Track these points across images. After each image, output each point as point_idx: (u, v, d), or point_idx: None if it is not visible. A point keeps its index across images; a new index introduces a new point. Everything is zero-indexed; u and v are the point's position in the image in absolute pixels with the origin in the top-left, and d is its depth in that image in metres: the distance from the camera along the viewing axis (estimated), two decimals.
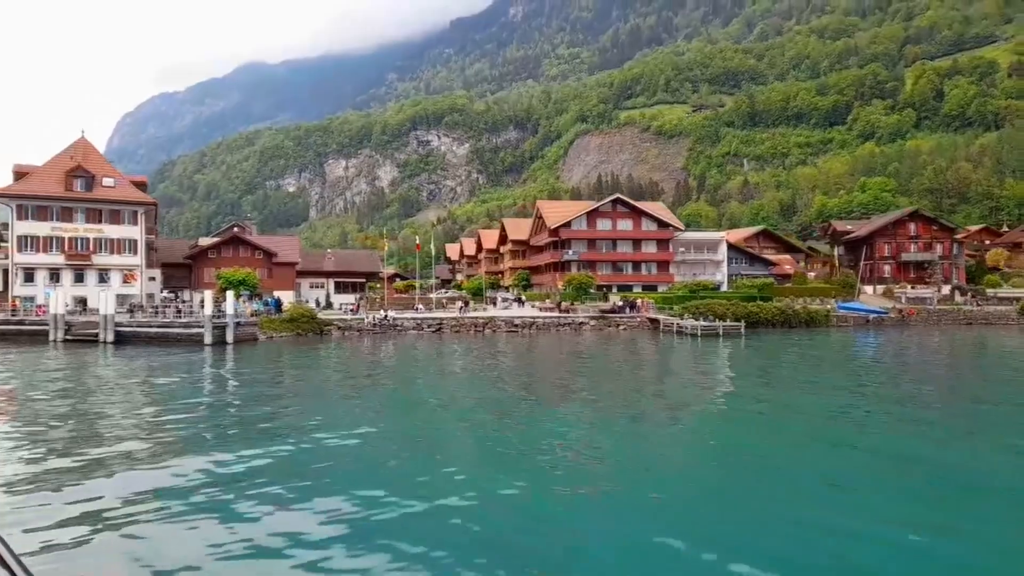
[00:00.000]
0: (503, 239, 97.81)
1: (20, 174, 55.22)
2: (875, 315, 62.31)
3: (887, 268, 78.26)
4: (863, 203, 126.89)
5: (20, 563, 1.23)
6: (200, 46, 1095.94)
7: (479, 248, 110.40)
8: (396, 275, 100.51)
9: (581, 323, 55.43)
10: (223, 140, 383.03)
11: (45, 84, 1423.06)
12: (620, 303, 59.45)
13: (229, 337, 40.89)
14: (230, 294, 42.31)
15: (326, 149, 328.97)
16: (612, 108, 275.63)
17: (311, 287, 66.08)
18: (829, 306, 63.76)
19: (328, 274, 67.60)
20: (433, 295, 70.49)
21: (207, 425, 18.97)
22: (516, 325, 54.06)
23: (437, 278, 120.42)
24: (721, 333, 48.80)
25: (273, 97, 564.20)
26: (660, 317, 55.39)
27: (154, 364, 33.29)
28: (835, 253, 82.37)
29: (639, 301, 59.79)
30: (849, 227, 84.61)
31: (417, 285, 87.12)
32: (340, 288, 67.80)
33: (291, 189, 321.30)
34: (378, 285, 74.84)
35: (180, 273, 65.56)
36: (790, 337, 51.09)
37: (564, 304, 60.47)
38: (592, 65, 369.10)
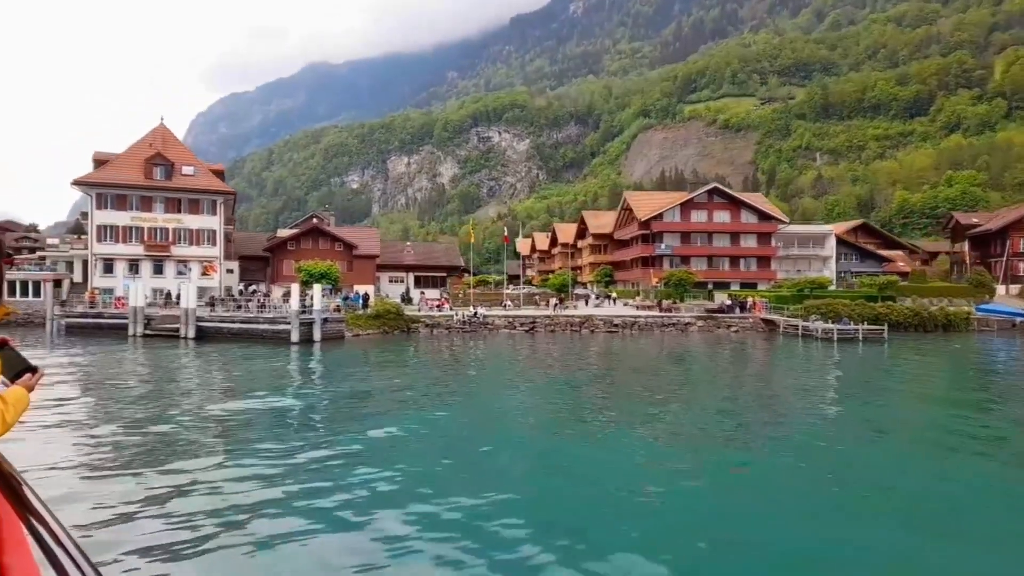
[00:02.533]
0: (581, 233, 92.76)
1: (100, 162, 53.68)
2: (1023, 319, 54.47)
3: (1023, 266, 69.38)
4: (950, 198, 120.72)
5: (88, 560, 1.23)
6: (268, 47, 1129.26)
7: (553, 242, 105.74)
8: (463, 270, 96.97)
9: (687, 324, 49.96)
10: (290, 138, 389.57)
11: (123, 84, 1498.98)
12: (729, 302, 53.60)
13: (316, 335, 37.39)
14: (317, 288, 38.82)
15: (388, 146, 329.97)
16: (676, 102, 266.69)
17: (390, 281, 62.65)
18: (965, 308, 56.23)
19: (408, 268, 64.02)
20: (521, 291, 66.10)
21: (328, 451, 14.82)
22: (616, 325, 49.06)
23: (506, 273, 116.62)
24: (861, 338, 42.51)
25: (336, 96, 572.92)
26: (779, 318, 49.39)
27: (243, 364, 29.94)
28: (964, 249, 73.53)
29: (750, 299, 53.79)
30: (975, 219, 75.67)
31: (493, 280, 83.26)
32: (420, 282, 64.16)
33: (355, 185, 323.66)
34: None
35: (255, 266, 63.27)
36: (933, 342, 44.39)
37: (665, 303, 55.04)
38: (654, 59, 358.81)
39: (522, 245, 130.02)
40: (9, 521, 1.41)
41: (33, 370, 1.81)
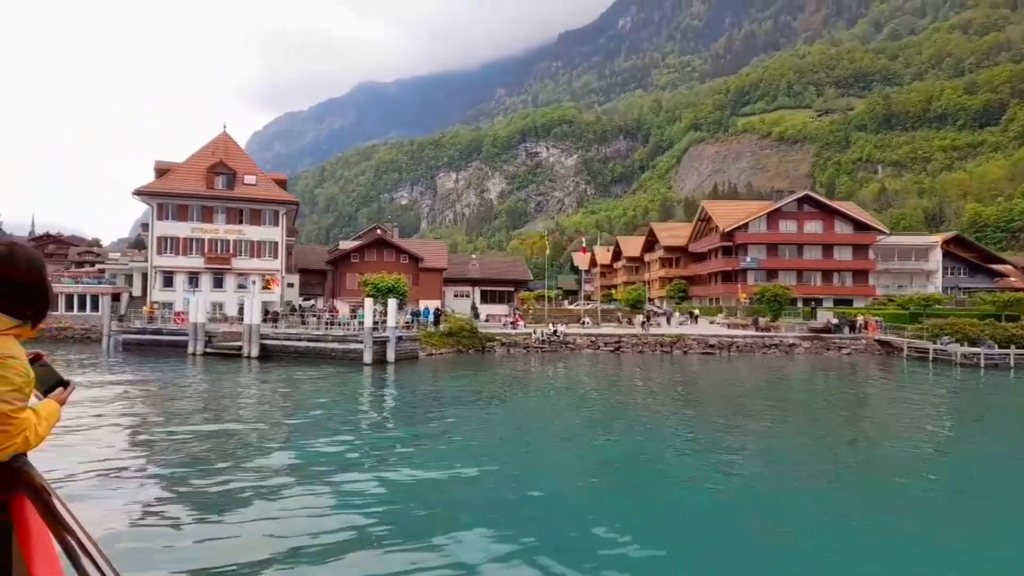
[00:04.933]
0: (649, 246, 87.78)
1: (162, 171, 51.74)
2: None
3: None
4: None
5: (116, 574, 1.22)
6: (321, 67, 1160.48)
7: (616, 256, 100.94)
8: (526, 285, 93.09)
9: (792, 345, 44.60)
10: (341, 155, 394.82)
11: (185, 110, 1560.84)
12: (835, 320, 47.95)
13: (390, 355, 33.65)
14: (392, 303, 35.11)
15: (437, 163, 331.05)
16: (728, 115, 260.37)
17: (455, 296, 58.98)
18: None
19: (474, 282, 60.27)
20: (598, 306, 61.68)
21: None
22: (711, 345, 44.09)
23: (560, 288, 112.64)
24: (1012, 363, 36.52)
25: (386, 114, 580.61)
26: (899, 340, 43.58)
27: (319, 389, 26.34)
28: None
29: (861, 318, 48.04)
30: None
31: (554, 295, 79.14)
32: (486, 297, 60.28)
33: (404, 202, 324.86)
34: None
35: (314, 279, 60.58)
36: None
37: (763, 321, 49.73)
38: (704, 73, 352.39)
39: (580, 259, 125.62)
40: (39, 532, 1.41)
41: (65, 384, 1.82)
